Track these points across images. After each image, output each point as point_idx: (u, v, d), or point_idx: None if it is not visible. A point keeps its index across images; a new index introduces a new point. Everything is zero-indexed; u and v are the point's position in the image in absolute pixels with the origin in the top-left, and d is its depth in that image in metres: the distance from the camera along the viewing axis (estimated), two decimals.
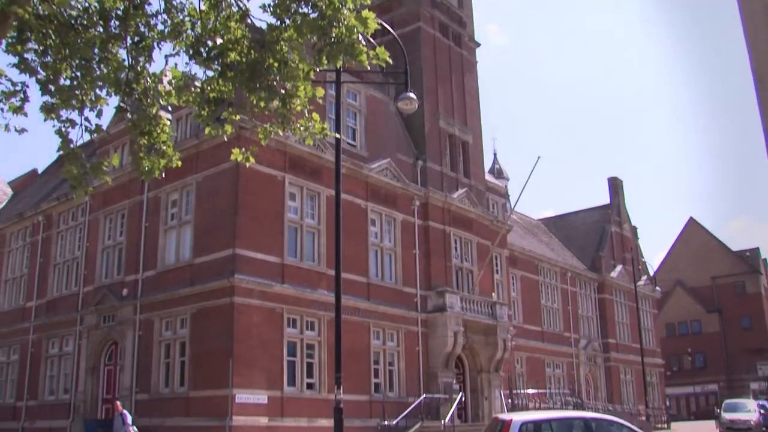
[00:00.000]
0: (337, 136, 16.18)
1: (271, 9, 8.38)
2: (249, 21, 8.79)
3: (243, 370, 25.25)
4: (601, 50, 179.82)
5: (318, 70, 9.03)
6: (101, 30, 8.39)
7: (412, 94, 17.07)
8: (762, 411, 42.09)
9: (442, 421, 29.42)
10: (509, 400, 35.57)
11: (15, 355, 36.56)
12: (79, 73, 8.36)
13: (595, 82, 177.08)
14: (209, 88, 9.01)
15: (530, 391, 39.48)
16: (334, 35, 8.33)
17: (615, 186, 62.21)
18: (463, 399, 33.55)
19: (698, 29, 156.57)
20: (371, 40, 9.27)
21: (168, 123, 9.43)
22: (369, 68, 9.30)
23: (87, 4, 8.33)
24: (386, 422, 28.94)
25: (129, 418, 22.33)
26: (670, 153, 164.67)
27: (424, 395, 31.22)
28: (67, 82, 8.38)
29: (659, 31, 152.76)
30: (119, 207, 31.91)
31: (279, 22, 8.50)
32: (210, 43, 8.68)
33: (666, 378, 67.22)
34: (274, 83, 8.82)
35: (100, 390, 31.19)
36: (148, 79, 8.89)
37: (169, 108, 25.05)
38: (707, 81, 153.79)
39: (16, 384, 35.82)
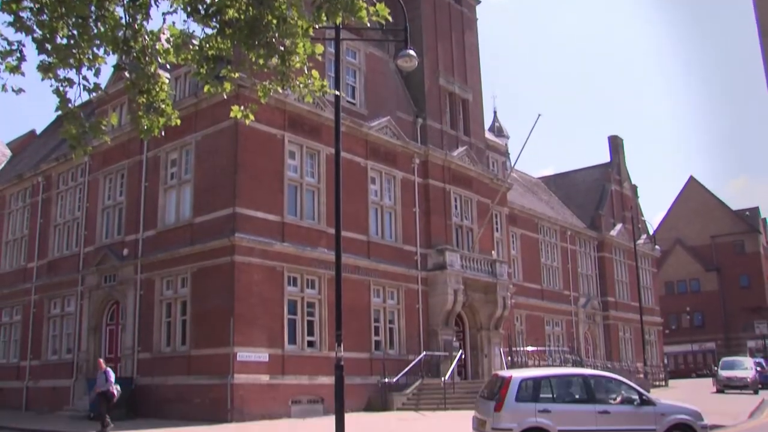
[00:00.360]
0: (337, 93, 16.09)
1: None
2: None
3: (244, 328, 25.40)
4: (601, 7, 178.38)
5: (317, 27, 8.95)
6: None
7: (411, 52, 16.95)
8: (758, 369, 42.60)
9: (442, 379, 29.70)
10: (509, 358, 35.84)
11: (17, 316, 36.76)
12: (75, 32, 8.26)
13: (596, 40, 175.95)
14: (208, 45, 8.93)
15: (530, 348, 39.71)
16: None
17: (615, 144, 62.00)
18: (463, 356, 33.82)
19: None
20: None
21: (167, 81, 9.37)
22: (368, 25, 9.25)
23: None
24: (387, 379, 29.23)
25: (112, 376, 22.07)
26: (670, 112, 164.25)
27: (425, 353, 31.49)
28: (64, 41, 8.27)
29: None
30: (118, 167, 31.87)
31: None
32: (208, 0, 8.59)
33: (664, 336, 67.66)
34: (273, 40, 8.74)
35: (103, 349, 31.38)
36: (146, 37, 8.79)
37: (168, 66, 25.00)
38: (709, 39, 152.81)
39: (20, 344, 36.08)
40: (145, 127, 9.28)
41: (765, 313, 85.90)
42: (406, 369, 30.22)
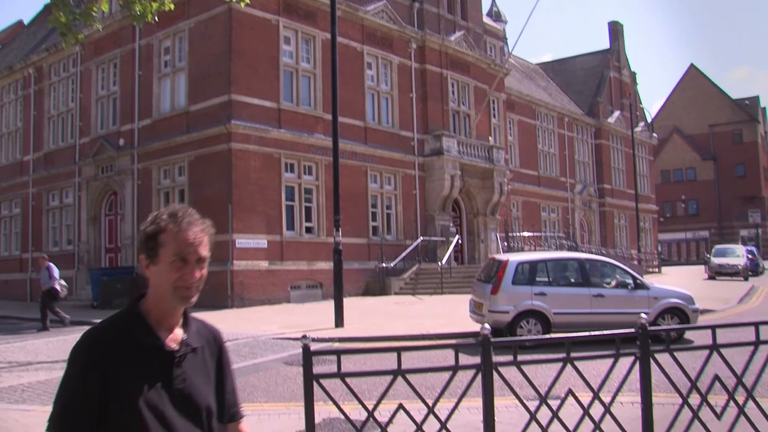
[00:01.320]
0: None
1: None
2: None
3: (242, 215, 25.55)
4: None
5: None
6: None
7: None
8: (750, 257, 43.26)
9: (439, 263, 30.04)
10: (505, 243, 36.15)
11: (17, 209, 36.92)
12: None
13: None
14: None
15: (526, 234, 40.10)
16: None
17: (615, 30, 60.93)
18: (460, 242, 34.13)
19: None
20: None
21: None
22: None
23: None
24: (384, 264, 29.57)
25: (56, 272, 20.90)
26: None
27: (421, 238, 31.79)
28: None
29: None
30: (111, 56, 31.38)
31: None
32: None
33: (659, 224, 68.17)
34: None
35: (102, 240, 31.67)
36: None
37: None
38: None
39: (20, 237, 36.36)
40: (138, 13, 9.08)
41: (759, 202, 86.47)
42: (404, 254, 30.57)
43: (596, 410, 5.66)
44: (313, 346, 4.94)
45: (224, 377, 2.60)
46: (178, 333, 2.46)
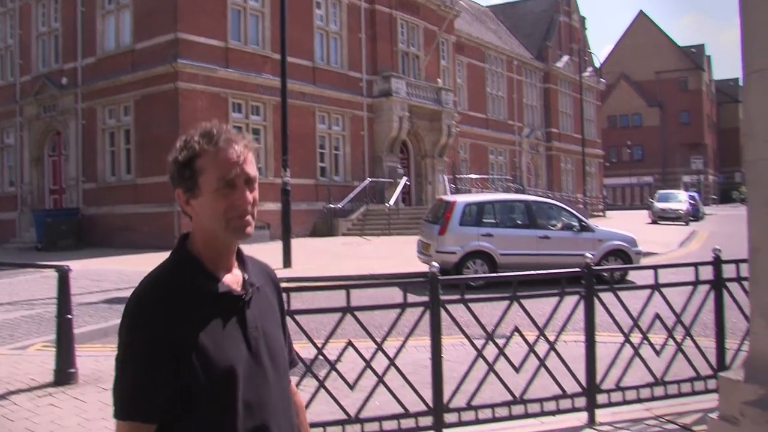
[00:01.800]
0: None
1: None
2: None
3: None
4: None
5: None
6: None
7: None
8: (691, 202, 44.42)
9: (387, 205, 30.10)
10: (452, 185, 36.35)
11: None
12: None
13: None
14: None
15: (473, 176, 40.32)
16: None
17: None
18: (408, 183, 34.21)
19: None
20: None
21: None
22: None
23: None
24: (332, 205, 29.59)
25: None
26: None
27: (369, 179, 31.80)
28: None
29: None
30: None
31: None
32: None
33: (604, 168, 69.05)
34: None
35: (46, 181, 31.09)
36: None
37: None
38: None
39: None
40: None
41: (702, 149, 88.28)
42: (351, 195, 30.59)
43: (541, 348, 5.80)
44: None
45: (284, 319, 2.26)
46: (237, 273, 2.08)
